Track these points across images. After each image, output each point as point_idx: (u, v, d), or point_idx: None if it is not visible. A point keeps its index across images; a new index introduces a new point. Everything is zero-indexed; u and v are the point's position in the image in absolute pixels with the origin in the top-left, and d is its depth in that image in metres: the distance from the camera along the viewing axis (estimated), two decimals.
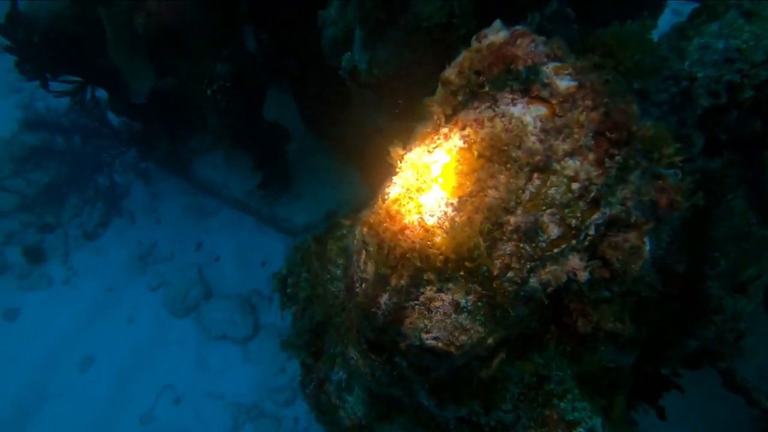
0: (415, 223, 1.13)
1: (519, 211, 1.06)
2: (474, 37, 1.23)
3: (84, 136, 5.71)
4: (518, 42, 1.17)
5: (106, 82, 5.11)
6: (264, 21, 5.10)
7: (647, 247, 1.13)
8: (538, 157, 1.07)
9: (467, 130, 1.13)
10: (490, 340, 1.16)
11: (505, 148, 1.08)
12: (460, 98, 1.17)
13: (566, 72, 1.15)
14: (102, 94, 5.42)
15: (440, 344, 1.15)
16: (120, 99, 5.40)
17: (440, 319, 1.15)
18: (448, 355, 1.16)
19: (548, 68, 1.16)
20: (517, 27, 1.21)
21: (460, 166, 1.11)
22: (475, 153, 1.09)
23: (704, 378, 3.28)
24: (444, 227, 1.10)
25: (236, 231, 6.34)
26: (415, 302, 1.16)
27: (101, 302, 5.87)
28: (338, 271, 1.81)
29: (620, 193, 1.10)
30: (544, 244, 1.08)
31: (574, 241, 1.09)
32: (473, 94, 1.17)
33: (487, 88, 1.14)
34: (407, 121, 1.29)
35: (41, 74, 4.99)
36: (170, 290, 5.91)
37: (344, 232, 1.89)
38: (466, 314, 1.13)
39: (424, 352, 1.18)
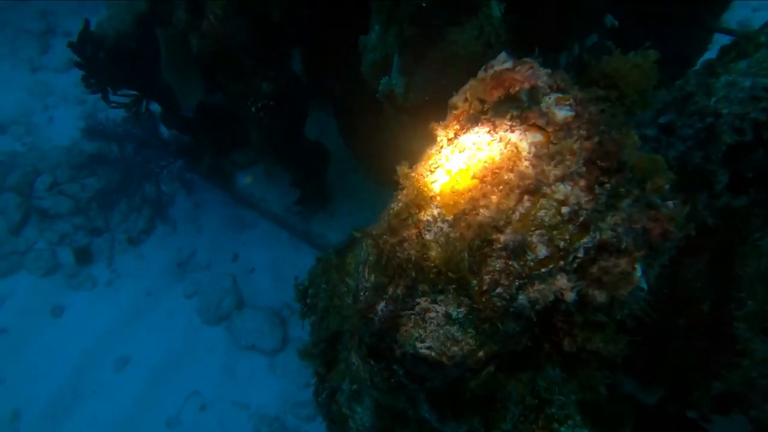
0: (413, 236, 1.22)
1: (508, 230, 1.14)
2: (483, 67, 1.33)
3: (136, 146, 6.10)
4: (517, 69, 1.26)
5: (160, 97, 5.47)
6: (310, 44, 5.36)
7: (638, 274, 1.18)
8: (529, 181, 1.15)
9: (466, 153, 1.23)
10: (480, 353, 1.22)
11: (498, 170, 1.17)
12: (463, 123, 1.27)
13: (567, 103, 1.22)
14: (155, 108, 5.80)
15: (433, 353, 1.23)
16: (171, 113, 5.76)
17: (434, 330, 1.22)
18: (441, 365, 1.24)
19: (550, 98, 1.24)
20: (525, 59, 1.30)
21: (457, 186, 1.20)
22: (471, 174, 1.18)
23: (736, 426, 3.17)
24: (439, 242, 1.18)
25: (272, 245, 6.56)
26: (411, 312, 1.24)
27: (140, 305, 6.16)
28: (354, 283, 1.91)
29: (610, 219, 1.16)
30: (532, 263, 1.14)
31: (562, 262, 1.15)
32: (476, 120, 1.26)
33: (489, 115, 1.24)
34: None
35: (103, 88, 5.40)
36: (205, 298, 6.15)
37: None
38: (457, 326, 1.21)
39: (418, 361, 1.26)
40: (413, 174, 1.29)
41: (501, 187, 1.16)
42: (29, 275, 6.21)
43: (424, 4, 3.16)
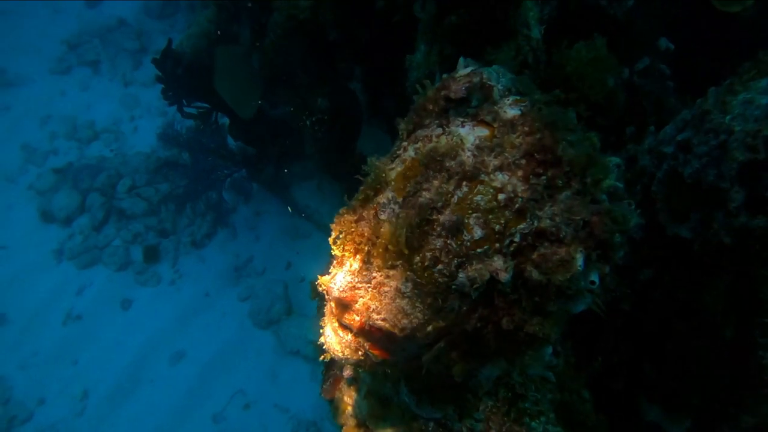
0: (371, 216, 1.40)
1: (446, 211, 1.29)
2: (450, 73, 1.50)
3: (205, 155, 6.67)
4: (458, 76, 1.41)
5: (229, 110, 5.99)
6: (367, 63, 5.69)
7: (578, 263, 1.28)
8: (468, 168, 1.29)
9: (419, 144, 1.40)
10: (429, 328, 1.36)
11: (440, 158, 1.32)
12: (422, 119, 1.44)
13: (522, 104, 1.36)
14: (224, 120, 6.34)
15: (387, 325, 1.38)
16: (238, 126, 6.28)
17: (388, 303, 1.38)
18: (393, 336, 1.38)
19: (508, 100, 1.38)
20: (480, 68, 1.45)
21: (407, 172, 1.37)
22: (419, 162, 1.34)
23: None
24: (390, 221, 1.35)
25: (324, 256, 6.84)
26: (368, 284, 1.41)
27: (197, 305, 6.66)
28: None
29: (549, 209, 1.27)
30: (468, 243, 1.28)
31: (497, 245, 1.28)
32: (436, 116, 1.43)
33: (449, 112, 1.40)
34: None
35: (179, 100, 6.00)
36: (257, 302, 6.54)
37: None
38: (407, 300, 1.36)
39: (375, 331, 1.42)
40: (377, 163, 1.48)
41: (443, 173, 1.32)
42: (105, 269, 6.91)
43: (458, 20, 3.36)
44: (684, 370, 2.75)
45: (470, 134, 1.35)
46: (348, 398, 2.35)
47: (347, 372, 2.18)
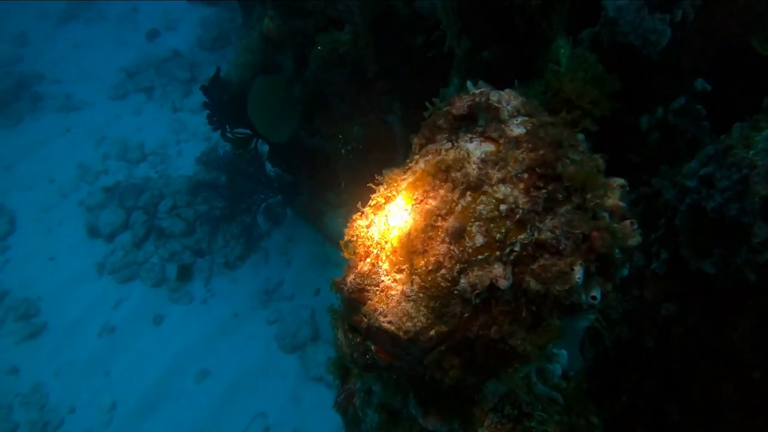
0: (381, 222, 1.49)
1: (450, 218, 1.37)
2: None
3: (244, 179, 6.96)
4: (464, 95, 1.52)
5: (268, 138, 6.27)
6: (404, 97, 5.88)
7: (577, 276, 1.33)
8: (472, 179, 1.38)
9: (429, 156, 1.49)
10: (432, 332, 1.42)
11: (447, 169, 1.42)
12: (433, 135, 1.54)
13: (529, 124, 1.45)
14: (264, 147, 6.63)
15: (392, 327, 1.45)
16: (277, 152, 6.55)
17: (394, 306, 1.45)
18: (398, 338, 1.45)
19: (517, 120, 1.48)
20: (488, 90, 1.56)
21: (416, 182, 1.46)
22: (427, 172, 1.44)
23: None
24: (398, 227, 1.44)
25: None
26: (376, 288, 1.49)
27: (226, 325, 6.83)
28: None
29: (549, 221, 1.34)
30: (470, 249, 1.35)
31: (498, 252, 1.34)
32: (449, 132, 1.53)
33: (460, 129, 1.50)
34: None
35: (223, 125, 6.32)
36: (284, 326, 6.65)
37: None
38: (411, 303, 1.43)
39: (380, 333, 1.49)
40: (390, 173, 1.58)
41: (449, 183, 1.41)
42: (142, 284, 7.19)
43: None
44: (711, 414, 2.67)
45: (477, 149, 1.45)
46: (362, 414, 2.40)
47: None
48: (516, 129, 1.45)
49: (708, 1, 3.42)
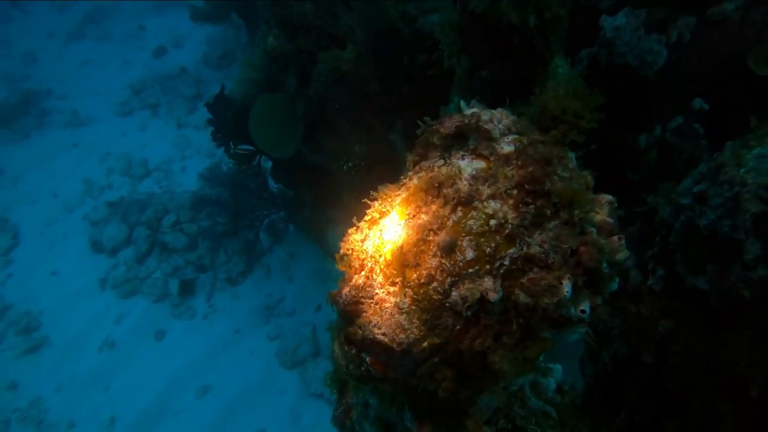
0: (376, 236, 1.54)
1: (442, 233, 1.42)
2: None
3: (247, 195, 7.03)
4: (454, 114, 1.58)
5: (271, 155, 6.35)
6: (406, 115, 5.97)
7: (566, 289, 1.37)
8: (463, 195, 1.43)
9: (422, 173, 1.55)
10: (424, 344, 1.46)
11: (439, 185, 1.47)
12: (426, 152, 1.60)
13: (519, 142, 1.51)
14: (267, 163, 6.71)
15: (386, 339, 1.49)
16: (280, 169, 6.63)
17: (387, 318, 1.50)
18: (391, 349, 1.49)
19: (508, 138, 1.54)
20: (480, 110, 1.62)
21: (410, 198, 1.52)
22: (420, 188, 1.49)
23: None
24: (392, 241, 1.49)
25: None
26: (371, 300, 1.53)
27: (227, 341, 6.85)
28: None
29: (538, 236, 1.39)
30: (461, 263, 1.40)
31: (488, 266, 1.39)
32: (440, 150, 1.59)
33: (452, 146, 1.56)
34: None
35: (227, 142, 6.42)
36: (284, 342, 6.67)
37: None
38: (404, 316, 1.47)
39: (375, 344, 1.53)
40: (385, 189, 1.64)
41: (440, 198, 1.46)
42: (144, 299, 7.24)
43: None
44: (709, 431, 2.67)
45: (468, 166, 1.50)
46: (359, 427, 2.43)
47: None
48: (506, 147, 1.51)
49: (703, 24, 3.50)
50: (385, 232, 1.54)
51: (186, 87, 9.84)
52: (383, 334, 1.50)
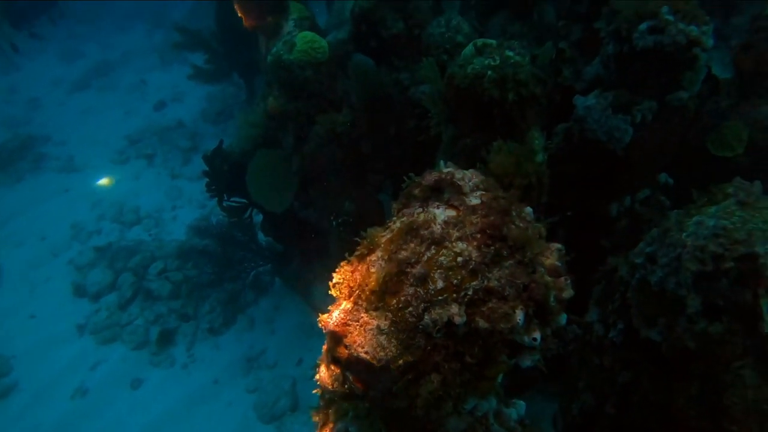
0: (363, 268, 1.88)
1: (418, 266, 1.76)
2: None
3: (235, 247, 7.33)
4: (434, 172, 1.97)
5: (263, 207, 6.73)
6: (396, 176, 6.42)
7: (518, 317, 1.70)
8: (436, 236, 1.78)
9: (404, 218, 1.91)
10: (400, 361, 1.75)
11: (417, 228, 1.82)
12: (410, 201, 1.97)
13: (485, 197, 1.88)
14: (258, 217, 7.07)
15: (368, 357, 1.78)
16: (270, 222, 6.98)
17: (370, 338, 1.79)
18: (372, 366, 1.78)
19: (477, 193, 1.91)
20: (454, 170, 2.02)
21: (393, 237, 1.86)
22: (402, 230, 1.84)
23: None
24: (377, 272, 1.82)
25: None
26: (356, 323, 1.84)
27: (205, 391, 6.92)
28: None
29: (496, 272, 1.73)
30: (432, 291, 1.72)
31: (455, 295, 1.72)
32: (421, 201, 1.96)
33: (431, 198, 1.93)
34: None
35: (220, 194, 6.79)
36: (263, 396, 6.76)
37: None
38: (384, 336, 1.77)
39: (358, 362, 1.82)
40: (372, 231, 1.99)
41: (418, 239, 1.81)
42: (122, 346, 7.33)
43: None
44: None
45: (442, 213, 1.87)
46: None
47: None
48: (474, 200, 1.88)
49: (662, 108, 4.02)
50: (371, 266, 1.87)
51: (182, 139, 10.35)
52: (366, 352, 1.80)
